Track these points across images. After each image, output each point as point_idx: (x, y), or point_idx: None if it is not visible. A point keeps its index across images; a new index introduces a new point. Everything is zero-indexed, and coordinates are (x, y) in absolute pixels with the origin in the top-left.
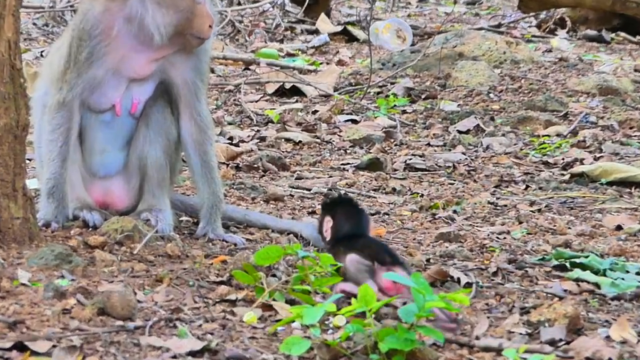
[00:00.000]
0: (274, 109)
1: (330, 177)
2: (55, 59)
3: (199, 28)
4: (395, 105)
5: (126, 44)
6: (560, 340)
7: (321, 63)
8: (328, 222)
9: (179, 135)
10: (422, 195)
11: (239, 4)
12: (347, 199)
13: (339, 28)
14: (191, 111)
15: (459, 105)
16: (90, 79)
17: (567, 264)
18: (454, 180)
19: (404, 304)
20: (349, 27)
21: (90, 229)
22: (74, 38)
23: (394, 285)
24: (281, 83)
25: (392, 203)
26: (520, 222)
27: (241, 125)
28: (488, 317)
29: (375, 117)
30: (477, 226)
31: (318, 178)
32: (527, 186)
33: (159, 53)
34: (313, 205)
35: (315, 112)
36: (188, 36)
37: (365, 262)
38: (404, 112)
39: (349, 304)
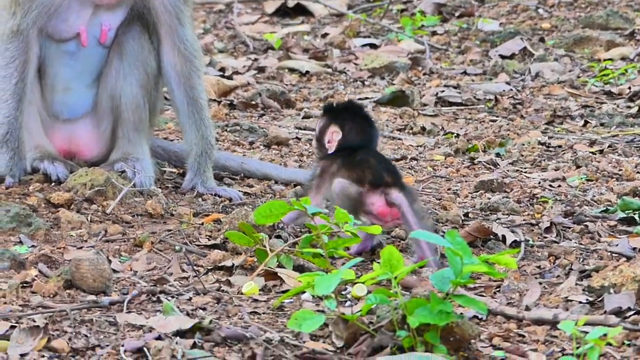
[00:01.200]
0: (274, 32)
1: None
2: None
3: None
4: (423, 26)
5: None
6: (629, 309)
7: None
8: (334, 134)
9: (160, 67)
10: (457, 136)
11: None
12: (358, 106)
13: None
14: (173, 37)
15: (500, 23)
16: (47, 2)
17: (636, 217)
18: (497, 117)
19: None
20: None
21: (53, 184)
22: None
23: (388, 210)
24: (283, 0)
25: (421, 145)
26: (578, 167)
27: (235, 53)
28: (540, 283)
29: (399, 41)
30: (525, 172)
31: None
32: (586, 122)
33: None
34: None
35: (325, 35)
36: None
37: (353, 187)
38: (433, 33)
39: (371, 269)
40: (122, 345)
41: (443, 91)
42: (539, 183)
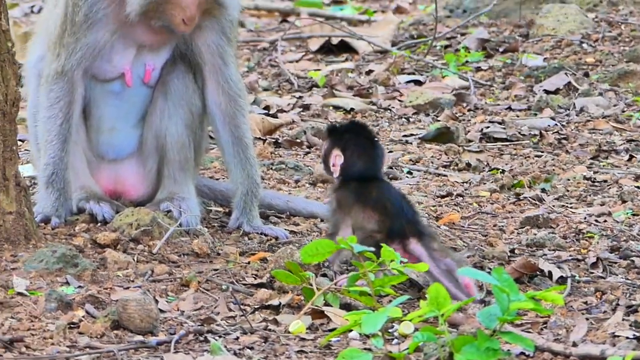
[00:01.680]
0: (318, 70)
1: (391, 151)
2: (51, 17)
3: (171, 19)
4: (467, 62)
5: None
6: None
7: (375, 11)
8: (337, 157)
9: (205, 106)
10: (503, 172)
11: None
12: (360, 126)
13: None
14: (217, 77)
15: (545, 59)
16: (91, 43)
17: None
18: (542, 152)
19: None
20: None
21: (100, 224)
22: None
23: (406, 257)
24: (327, 38)
25: (466, 182)
26: (624, 201)
27: (279, 91)
28: (587, 319)
29: (444, 77)
30: (570, 207)
31: None
32: (631, 156)
33: None
34: None
35: (369, 72)
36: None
37: (368, 242)
38: (478, 69)
39: (418, 307)
40: None
41: (488, 127)
42: (585, 218)
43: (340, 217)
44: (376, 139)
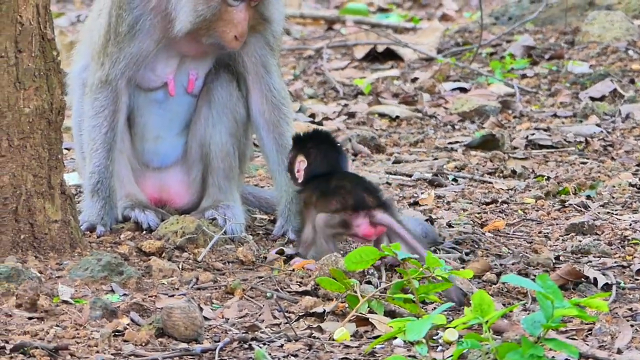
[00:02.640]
0: (364, 77)
1: (436, 159)
2: (95, 26)
3: (222, 35)
4: (512, 69)
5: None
6: None
7: (421, 19)
8: (301, 163)
9: (249, 114)
10: (548, 179)
11: None
12: (324, 134)
13: None
14: (261, 85)
15: (590, 65)
16: (135, 53)
17: None
18: (587, 159)
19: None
20: None
21: (144, 232)
22: (114, 5)
23: (373, 230)
24: (372, 45)
25: (511, 189)
26: None
27: (325, 99)
28: (632, 326)
29: (489, 84)
30: (616, 214)
31: (420, 161)
32: None
33: None
34: (415, 195)
35: (414, 80)
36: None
37: (335, 218)
38: (523, 76)
39: (462, 314)
40: None
41: (533, 134)
42: (630, 225)
43: (305, 215)
44: (338, 144)
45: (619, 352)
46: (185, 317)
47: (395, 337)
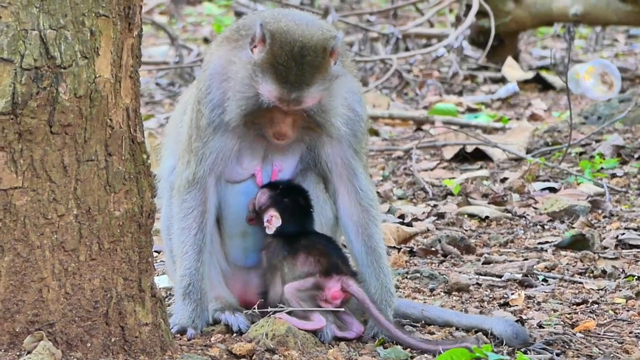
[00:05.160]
0: (453, 178)
1: (526, 259)
2: (178, 123)
3: (265, 130)
4: (602, 168)
5: None
6: None
7: (510, 119)
8: (274, 218)
9: (336, 217)
10: (638, 278)
11: (407, 49)
12: (296, 189)
13: (531, 74)
14: (348, 187)
15: None
16: (219, 147)
17: None
18: None
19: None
20: (543, 73)
21: (235, 335)
22: (194, 101)
23: (341, 295)
24: (461, 146)
25: (602, 289)
26: None
27: (414, 200)
28: None
29: (579, 184)
30: None
31: (510, 261)
32: None
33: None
34: (505, 295)
35: (504, 180)
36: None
37: (307, 282)
38: (613, 176)
39: None
40: None
41: (623, 234)
42: None
43: (269, 277)
44: (311, 204)
45: None
46: None
47: None
